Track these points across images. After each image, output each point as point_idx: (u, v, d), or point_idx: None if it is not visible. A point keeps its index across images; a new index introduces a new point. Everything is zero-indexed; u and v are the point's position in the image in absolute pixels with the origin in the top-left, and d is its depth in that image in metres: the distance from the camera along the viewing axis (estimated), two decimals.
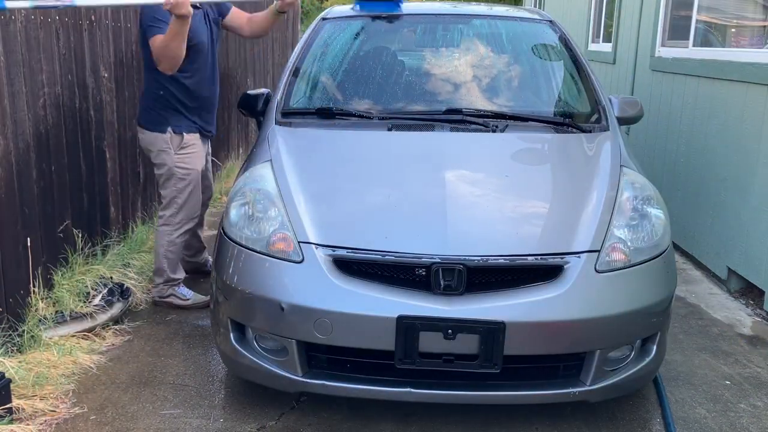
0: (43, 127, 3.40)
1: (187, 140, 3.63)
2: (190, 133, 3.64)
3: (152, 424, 2.74)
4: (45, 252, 3.43)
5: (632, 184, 2.88)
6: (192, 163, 3.66)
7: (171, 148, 3.60)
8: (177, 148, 3.61)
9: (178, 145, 3.61)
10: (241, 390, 2.99)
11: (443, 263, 2.46)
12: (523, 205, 2.81)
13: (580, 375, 2.58)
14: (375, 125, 3.26)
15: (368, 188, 2.88)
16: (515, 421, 2.79)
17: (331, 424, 2.76)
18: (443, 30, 3.92)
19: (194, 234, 4.05)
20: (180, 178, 3.64)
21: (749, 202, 4.06)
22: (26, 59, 3.22)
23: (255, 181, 2.89)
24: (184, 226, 3.73)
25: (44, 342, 3.17)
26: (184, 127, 3.62)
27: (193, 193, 3.71)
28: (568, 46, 3.83)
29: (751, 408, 2.95)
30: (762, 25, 4.65)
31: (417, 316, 2.41)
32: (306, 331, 2.49)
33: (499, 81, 3.65)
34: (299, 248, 2.58)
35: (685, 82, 5.03)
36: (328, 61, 3.73)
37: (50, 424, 2.70)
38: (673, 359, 3.34)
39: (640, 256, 2.64)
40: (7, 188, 3.08)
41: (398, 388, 2.53)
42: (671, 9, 5.65)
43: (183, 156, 3.63)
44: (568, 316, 2.47)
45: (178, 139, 3.61)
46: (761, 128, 3.97)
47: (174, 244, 3.74)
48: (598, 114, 3.44)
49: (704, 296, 4.22)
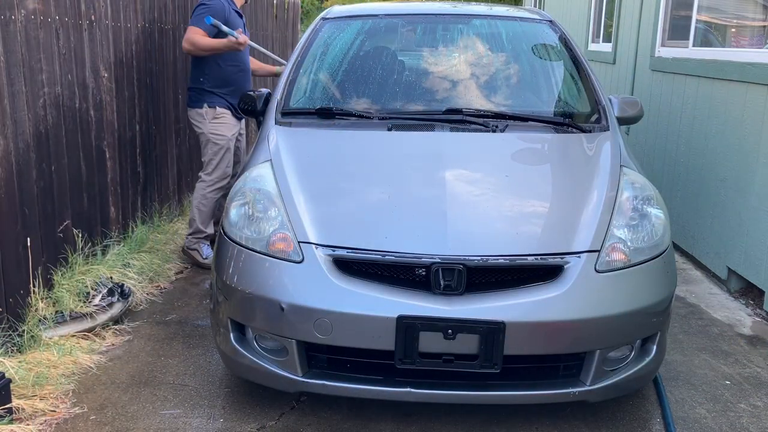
0: (43, 127, 3.40)
1: (219, 113, 4.40)
2: (222, 107, 4.41)
3: (152, 424, 2.74)
4: (45, 252, 3.43)
5: (632, 184, 2.88)
6: (223, 130, 4.42)
7: (206, 119, 4.40)
8: (211, 119, 4.39)
9: (212, 117, 4.39)
10: (241, 390, 2.99)
11: (443, 263, 2.46)
12: (523, 205, 2.81)
13: (580, 375, 2.58)
14: (375, 125, 3.26)
15: (368, 188, 2.88)
16: (515, 421, 2.79)
17: (331, 424, 2.76)
18: (443, 30, 3.92)
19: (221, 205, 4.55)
20: (214, 142, 4.40)
21: (749, 202, 4.06)
22: (26, 59, 3.22)
23: (255, 181, 2.88)
24: (216, 183, 4.45)
25: (44, 342, 3.18)
26: (216, 102, 4.40)
27: (225, 156, 4.45)
28: (568, 46, 3.83)
29: (751, 408, 2.95)
30: (762, 25, 4.65)
31: (417, 316, 2.41)
32: (306, 331, 2.49)
33: (499, 81, 3.65)
34: (299, 248, 2.58)
35: (685, 82, 5.03)
36: (328, 61, 3.73)
37: (50, 424, 2.71)
38: (673, 359, 3.34)
39: (640, 256, 2.64)
40: (7, 188, 3.08)
41: (398, 388, 2.53)
42: (671, 9, 5.65)
43: (216, 125, 4.41)
44: (568, 316, 2.47)
45: (212, 112, 4.39)
46: (761, 128, 3.97)
47: (206, 198, 4.44)
48: (598, 114, 3.44)
49: (704, 296, 4.22)
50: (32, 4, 3.27)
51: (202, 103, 4.41)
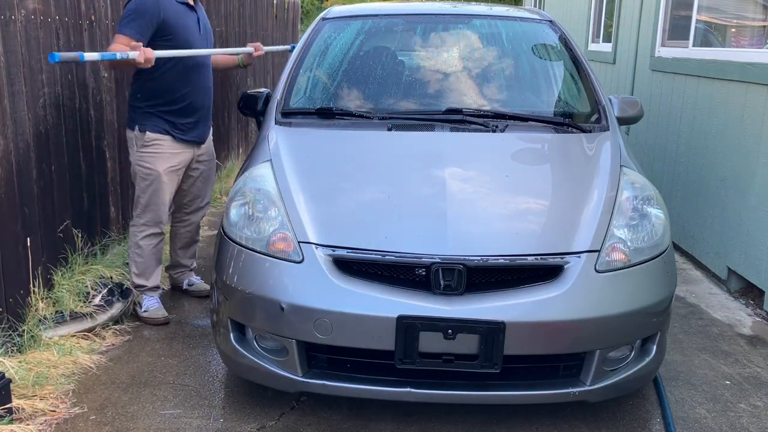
0: (43, 127, 3.40)
1: (150, 139, 3.52)
2: (155, 132, 3.52)
3: (152, 424, 2.74)
4: (45, 252, 3.43)
5: (632, 184, 2.88)
6: (153, 162, 3.53)
7: (134, 146, 3.56)
8: (140, 147, 3.54)
9: (141, 144, 3.53)
10: (241, 390, 2.99)
11: (443, 263, 2.46)
12: (523, 205, 2.81)
13: (580, 375, 2.58)
14: (375, 125, 3.26)
15: (368, 188, 2.88)
16: (515, 421, 2.79)
17: (331, 424, 2.76)
18: (443, 30, 3.92)
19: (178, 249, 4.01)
20: (141, 177, 3.56)
21: (749, 202, 4.06)
22: (26, 59, 3.22)
23: (255, 181, 2.89)
24: (149, 229, 3.61)
25: (44, 342, 3.17)
26: (148, 124, 3.52)
27: (157, 196, 3.56)
28: (568, 46, 3.83)
29: (751, 408, 2.95)
30: (762, 25, 4.65)
31: (417, 316, 2.41)
32: (306, 331, 2.49)
33: (499, 81, 3.65)
34: (299, 248, 2.58)
35: (685, 82, 5.03)
36: (328, 61, 3.73)
37: (50, 424, 2.71)
38: (673, 359, 3.34)
39: (640, 256, 2.64)
40: (7, 188, 3.08)
41: (398, 388, 2.53)
42: (671, 9, 5.65)
43: (144, 154, 3.53)
44: (568, 316, 2.47)
45: (141, 137, 3.53)
46: (761, 128, 3.97)
47: (138, 246, 3.63)
48: (598, 114, 3.44)
49: (704, 296, 4.22)
50: (32, 4, 3.27)
51: (133, 124, 3.57)
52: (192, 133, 3.65)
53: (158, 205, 3.58)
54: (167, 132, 3.54)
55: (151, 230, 3.62)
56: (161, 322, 3.63)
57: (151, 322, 3.63)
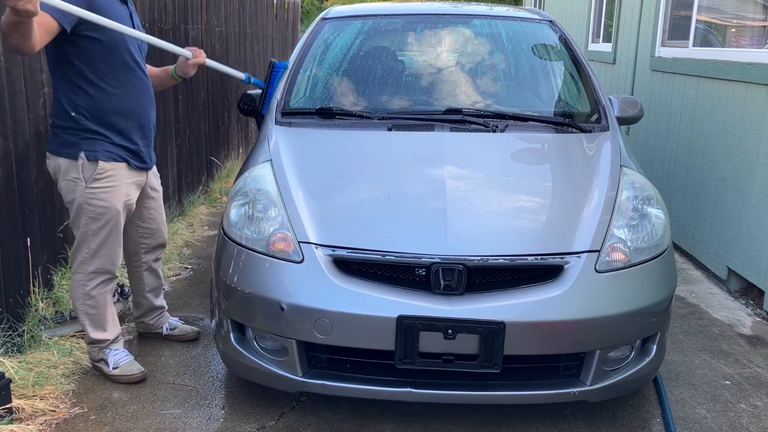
0: (43, 127, 3.40)
1: (103, 170, 2.85)
2: (109, 160, 2.86)
3: (152, 424, 2.74)
4: (45, 252, 3.43)
5: (632, 184, 2.88)
6: (109, 197, 2.87)
7: (81, 179, 2.83)
8: (90, 180, 2.84)
9: (93, 176, 2.84)
10: (241, 390, 2.99)
11: (443, 263, 2.46)
12: (523, 205, 2.81)
13: (580, 375, 2.58)
14: (375, 125, 3.26)
15: (368, 188, 2.88)
16: (515, 421, 2.79)
17: (331, 424, 2.76)
18: (443, 30, 3.92)
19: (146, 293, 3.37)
20: (92, 217, 2.87)
21: (749, 202, 4.06)
22: (26, 59, 3.22)
23: (255, 181, 2.89)
24: (99, 277, 2.96)
25: (44, 342, 3.18)
26: (99, 151, 2.84)
27: (112, 238, 2.92)
28: (568, 46, 3.83)
29: (751, 408, 2.96)
30: (762, 25, 4.65)
31: (417, 316, 2.41)
32: (306, 331, 2.49)
33: (499, 81, 3.66)
34: (299, 248, 2.58)
35: (685, 82, 5.03)
36: (328, 61, 3.73)
37: (50, 424, 2.71)
38: (673, 359, 3.34)
39: (640, 256, 2.64)
40: (7, 188, 3.08)
41: (398, 388, 2.53)
42: (671, 9, 5.65)
43: (97, 190, 2.85)
44: (568, 316, 2.47)
45: (92, 167, 2.83)
46: (761, 128, 3.97)
47: (90, 297, 2.97)
48: (598, 114, 3.44)
49: (704, 296, 4.22)
50: None
51: (72, 151, 2.82)
52: (144, 157, 3.03)
53: (114, 248, 2.95)
54: (122, 159, 2.91)
55: (104, 276, 2.98)
56: (138, 378, 3.03)
57: (125, 380, 3.01)
